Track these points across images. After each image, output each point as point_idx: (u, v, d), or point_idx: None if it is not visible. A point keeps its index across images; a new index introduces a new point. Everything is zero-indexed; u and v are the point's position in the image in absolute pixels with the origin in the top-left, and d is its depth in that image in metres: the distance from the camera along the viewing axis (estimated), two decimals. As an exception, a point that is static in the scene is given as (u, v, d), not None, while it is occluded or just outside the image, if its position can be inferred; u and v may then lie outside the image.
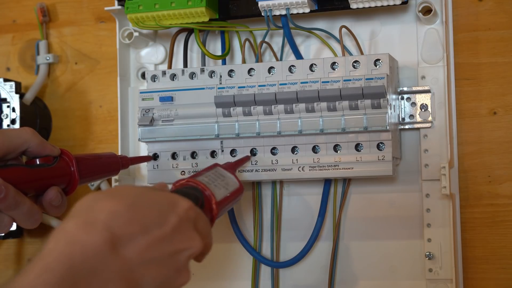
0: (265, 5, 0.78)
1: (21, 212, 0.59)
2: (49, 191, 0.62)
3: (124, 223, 0.48)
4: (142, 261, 0.48)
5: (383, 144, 0.74)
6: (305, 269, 0.82)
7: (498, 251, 0.78)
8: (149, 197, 0.52)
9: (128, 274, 0.47)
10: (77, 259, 0.44)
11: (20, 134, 0.61)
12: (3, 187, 0.57)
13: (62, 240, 0.45)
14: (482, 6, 0.80)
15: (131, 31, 0.87)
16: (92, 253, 0.45)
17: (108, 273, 0.46)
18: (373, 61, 0.74)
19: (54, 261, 0.44)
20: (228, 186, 0.66)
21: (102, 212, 0.48)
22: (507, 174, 0.78)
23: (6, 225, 0.60)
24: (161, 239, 0.50)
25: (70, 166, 0.64)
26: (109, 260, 0.46)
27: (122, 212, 0.48)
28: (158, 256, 0.49)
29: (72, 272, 0.44)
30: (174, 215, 0.52)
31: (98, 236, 0.46)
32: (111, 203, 0.48)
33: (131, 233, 0.48)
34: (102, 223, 0.47)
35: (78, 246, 0.45)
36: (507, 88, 0.79)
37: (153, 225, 0.50)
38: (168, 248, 0.50)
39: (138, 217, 0.49)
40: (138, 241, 0.48)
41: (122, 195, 0.50)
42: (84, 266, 0.44)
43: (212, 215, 0.61)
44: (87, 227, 0.46)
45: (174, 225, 0.51)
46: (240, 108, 0.76)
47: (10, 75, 0.98)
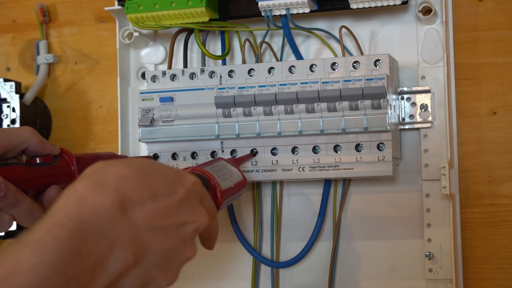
0: (265, 5, 0.78)
1: (21, 210, 0.60)
2: (49, 190, 0.62)
3: (133, 187, 0.48)
4: (149, 227, 0.48)
5: (383, 145, 0.74)
6: (305, 269, 0.83)
7: (498, 251, 0.78)
8: (158, 167, 0.53)
9: (135, 237, 0.47)
10: (86, 217, 0.45)
11: (20, 132, 0.62)
12: (3, 185, 0.57)
13: (72, 198, 0.46)
14: (482, 6, 0.80)
15: (131, 31, 0.87)
16: (101, 212, 0.46)
17: (116, 233, 0.46)
18: (373, 62, 0.74)
19: (64, 218, 0.44)
20: (232, 178, 0.66)
21: (113, 175, 0.48)
22: (507, 174, 0.78)
23: (7, 224, 0.60)
24: (169, 208, 0.50)
25: (70, 165, 0.64)
26: (117, 221, 0.46)
27: (132, 176, 0.49)
28: (165, 225, 0.50)
29: (81, 229, 0.44)
30: (181, 187, 0.52)
31: (108, 196, 0.46)
32: (121, 168, 0.49)
33: (140, 197, 0.48)
34: (112, 185, 0.47)
35: (88, 205, 0.45)
36: (507, 88, 0.79)
37: (162, 193, 0.50)
38: (175, 218, 0.51)
39: (147, 183, 0.50)
40: (146, 206, 0.49)
41: (133, 163, 0.51)
42: (93, 224, 0.45)
43: (217, 204, 0.62)
44: (97, 188, 0.47)
45: (181, 196, 0.52)
46: (240, 109, 0.77)
47: (10, 75, 0.98)
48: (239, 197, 0.70)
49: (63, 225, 0.44)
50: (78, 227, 0.44)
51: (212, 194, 0.62)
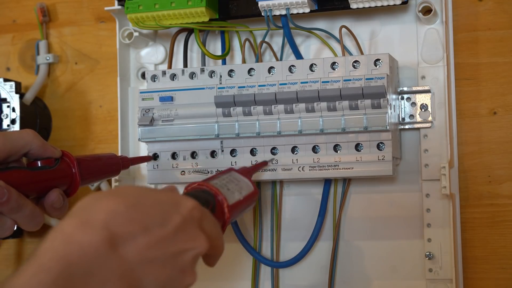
0: (265, 5, 0.78)
1: (23, 214, 0.59)
2: (50, 193, 0.62)
3: (123, 222, 0.47)
4: (143, 260, 0.47)
5: (383, 144, 0.74)
6: (305, 269, 0.82)
7: (498, 251, 0.78)
8: (151, 197, 0.51)
9: (128, 273, 0.46)
10: (73, 258, 0.44)
11: (22, 136, 0.61)
12: (6, 190, 0.57)
13: (58, 239, 0.45)
14: (482, 6, 0.80)
15: (131, 31, 0.87)
16: (89, 252, 0.44)
17: (106, 272, 0.45)
18: (373, 61, 0.74)
19: (50, 261, 0.43)
20: (242, 190, 0.65)
21: (101, 211, 0.47)
22: (507, 174, 0.78)
23: (9, 228, 0.60)
24: (163, 239, 0.49)
25: (71, 168, 0.64)
26: (107, 260, 0.45)
27: (122, 211, 0.48)
28: (160, 256, 0.48)
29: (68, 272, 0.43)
30: (177, 215, 0.51)
31: (96, 235, 0.45)
32: (110, 203, 0.48)
33: (131, 232, 0.47)
34: (101, 222, 0.46)
35: (75, 245, 0.44)
36: (507, 88, 0.79)
37: (155, 224, 0.49)
38: (171, 248, 0.49)
39: (138, 216, 0.48)
40: (138, 241, 0.47)
41: (123, 194, 0.50)
42: (81, 266, 0.44)
43: (224, 219, 0.60)
44: (85, 227, 0.45)
45: (177, 225, 0.50)
46: (240, 108, 0.76)
47: (10, 75, 0.98)
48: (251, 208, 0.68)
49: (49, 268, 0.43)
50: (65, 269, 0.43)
51: (219, 209, 0.60)
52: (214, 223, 0.56)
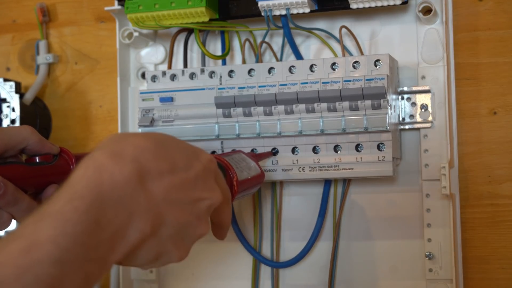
0: (265, 5, 0.78)
1: (20, 208, 0.59)
2: (48, 189, 0.62)
3: (152, 158, 0.48)
4: (166, 199, 0.48)
5: (383, 145, 0.74)
6: (305, 269, 0.83)
7: (498, 251, 0.78)
8: (176, 142, 0.53)
9: (153, 208, 0.47)
10: (105, 187, 0.45)
11: (19, 131, 0.61)
12: (2, 183, 0.57)
13: (91, 168, 0.45)
14: (482, 6, 0.80)
15: (131, 31, 0.87)
16: (120, 182, 0.45)
17: (135, 204, 0.46)
18: (373, 62, 0.74)
19: (83, 188, 0.44)
20: (250, 171, 0.67)
21: (132, 145, 0.48)
22: (507, 174, 0.78)
23: (5, 222, 0.60)
24: (185, 182, 0.50)
25: (69, 165, 0.64)
26: (136, 192, 0.46)
27: (151, 148, 0.49)
28: (181, 198, 0.50)
29: (100, 200, 0.44)
30: (198, 162, 0.52)
31: (127, 166, 0.46)
32: (140, 139, 0.49)
33: (159, 169, 0.48)
34: (131, 155, 0.47)
35: (107, 175, 0.45)
36: (507, 88, 0.79)
37: (179, 167, 0.50)
38: (191, 193, 0.51)
39: (166, 156, 0.50)
40: (164, 178, 0.49)
41: (151, 135, 0.51)
42: (112, 195, 0.45)
43: (232, 193, 0.62)
44: (116, 158, 0.46)
45: (197, 172, 0.52)
46: (240, 109, 0.76)
47: (10, 75, 0.98)
48: (255, 190, 0.69)
49: (83, 196, 0.44)
50: (98, 198, 0.44)
51: (229, 184, 0.62)
52: (226, 185, 0.58)
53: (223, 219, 0.58)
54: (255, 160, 0.70)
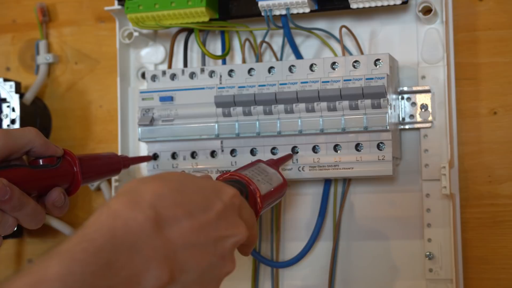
0: (265, 5, 0.78)
1: (25, 213, 0.59)
2: (52, 191, 0.62)
3: (169, 204, 0.48)
4: (185, 244, 0.48)
5: (383, 144, 0.74)
6: (305, 269, 0.82)
7: (498, 251, 0.78)
8: (194, 182, 0.52)
9: (171, 255, 0.47)
10: (118, 232, 0.44)
11: (24, 134, 0.61)
12: (8, 188, 0.57)
13: (104, 214, 0.45)
14: (482, 6, 0.80)
15: (131, 31, 0.87)
16: (134, 228, 0.45)
17: (151, 251, 0.45)
18: (373, 61, 0.74)
19: (95, 232, 0.44)
20: (272, 181, 0.65)
21: (148, 193, 0.48)
22: (507, 174, 0.78)
23: (10, 226, 0.60)
24: (205, 224, 0.49)
25: (73, 167, 0.64)
26: (152, 238, 0.46)
27: (167, 194, 0.48)
28: (202, 241, 0.49)
29: (112, 244, 0.44)
30: (219, 201, 0.52)
31: (142, 213, 0.46)
32: (157, 186, 0.49)
33: (176, 215, 0.48)
34: (147, 202, 0.47)
35: (121, 221, 0.45)
36: (507, 88, 0.79)
37: (198, 209, 0.50)
38: (213, 234, 0.50)
39: (183, 200, 0.49)
40: (182, 224, 0.48)
41: (168, 179, 0.50)
42: (126, 240, 0.44)
43: (256, 209, 0.61)
44: (132, 205, 0.46)
45: (219, 211, 0.51)
46: (240, 108, 0.76)
47: (10, 75, 0.98)
48: (280, 200, 0.68)
49: (93, 238, 0.43)
50: (109, 241, 0.44)
51: (252, 200, 0.60)
52: (251, 212, 0.57)
53: (249, 242, 0.57)
54: (276, 168, 0.69)
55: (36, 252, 0.95)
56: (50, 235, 0.94)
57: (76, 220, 0.93)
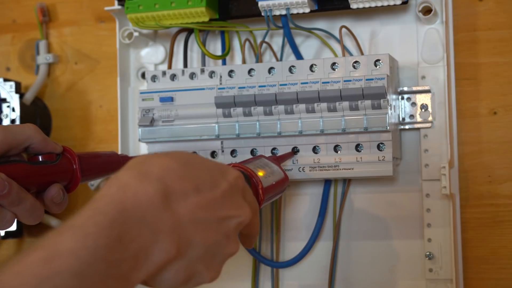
0: (265, 5, 0.78)
1: (24, 208, 0.59)
2: (51, 188, 0.62)
3: (177, 178, 0.48)
4: (192, 219, 0.48)
5: (384, 145, 0.74)
6: (305, 269, 0.83)
7: (498, 251, 0.78)
8: (201, 161, 0.53)
9: (178, 229, 0.47)
10: (128, 204, 0.45)
11: (23, 130, 0.61)
12: (7, 183, 0.57)
13: (114, 187, 0.46)
14: (482, 6, 0.80)
15: (131, 31, 0.87)
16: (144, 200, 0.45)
17: (159, 223, 0.46)
18: (373, 62, 0.74)
19: (106, 205, 0.44)
20: (274, 176, 0.66)
21: (156, 166, 0.48)
22: (507, 174, 0.78)
23: (8, 221, 0.60)
24: (211, 201, 0.50)
25: (72, 164, 0.64)
26: (161, 211, 0.46)
27: (175, 168, 0.49)
28: (208, 218, 0.49)
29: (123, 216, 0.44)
30: (224, 181, 0.52)
31: (151, 186, 0.46)
32: (165, 160, 0.49)
33: (184, 189, 0.48)
34: (156, 175, 0.47)
35: (131, 193, 0.45)
36: (507, 88, 0.79)
37: (205, 186, 0.50)
38: (218, 212, 0.50)
39: (191, 176, 0.49)
40: (190, 198, 0.48)
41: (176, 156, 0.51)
42: (135, 212, 0.45)
43: (258, 200, 0.61)
44: (141, 177, 0.46)
45: (224, 190, 0.51)
46: (240, 109, 0.76)
47: (10, 75, 0.98)
48: (281, 195, 0.69)
49: (105, 211, 0.44)
50: (120, 214, 0.44)
51: (254, 191, 0.61)
52: (253, 198, 0.57)
53: (251, 231, 0.58)
54: (277, 164, 0.69)
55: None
56: (50, 235, 0.94)
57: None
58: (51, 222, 0.90)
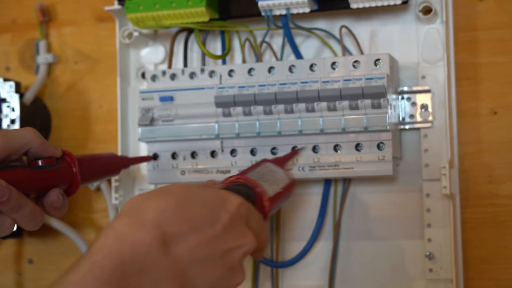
0: (265, 5, 0.78)
1: (23, 214, 0.59)
2: (51, 192, 0.62)
3: (174, 221, 0.47)
4: (193, 260, 0.48)
5: (383, 144, 0.74)
6: (305, 269, 0.82)
7: (498, 251, 0.78)
8: (198, 195, 0.52)
9: (179, 273, 0.46)
10: (126, 256, 0.44)
11: (22, 135, 0.61)
12: (6, 189, 0.56)
13: (111, 238, 0.45)
14: (482, 6, 0.80)
15: (131, 31, 0.87)
16: (141, 250, 0.45)
17: (159, 271, 0.45)
18: (373, 61, 0.74)
19: (103, 258, 0.44)
20: (279, 182, 0.64)
21: (151, 211, 0.47)
22: (507, 174, 0.78)
23: (8, 227, 0.59)
24: (212, 238, 0.49)
25: (72, 168, 0.64)
26: (160, 258, 0.46)
27: (171, 210, 0.48)
28: (210, 255, 0.49)
29: (121, 269, 0.44)
30: (225, 213, 0.51)
31: (148, 233, 0.46)
32: (160, 202, 0.48)
33: (182, 231, 0.48)
34: (151, 221, 0.46)
35: (128, 244, 0.45)
36: (507, 88, 0.79)
37: (204, 223, 0.49)
38: (220, 246, 0.50)
39: (188, 215, 0.49)
40: (188, 240, 0.48)
41: (171, 193, 0.50)
42: (134, 264, 0.44)
43: (264, 211, 0.60)
44: (136, 226, 0.46)
45: (225, 223, 0.50)
46: (240, 108, 0.76)
47: (10, 75, 0.98)
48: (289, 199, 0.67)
49: (103, 266, 0.43)
50: (118, 267, 0.44)
51: (259, 203, 0.60)
52: (258, 218, 0.56)
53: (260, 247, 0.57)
54: (282, 167, 0.68)
55: (36, 252, 0.95)
56: (50, 235, 0.94)
57: (76, 220, 0.93)
58: (52, 223, 0.90)
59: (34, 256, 0.95)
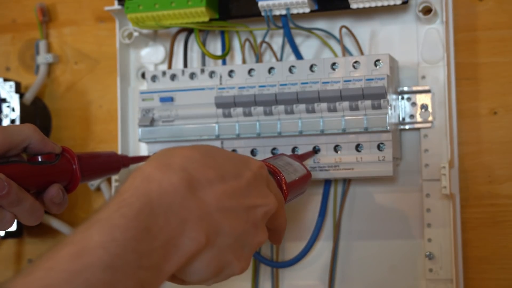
0: (265, 5, 0.78)
1: (23, 208, 0.59)
2: (50, 188, 0.62)
3: (200, 167, 0.48)
4: (219, 207, 0.48)
5: (384, 145, 0.74)
6: (305, 269, 0.83)
7: (499, 251, 0.78)
8: (223, 152, 0.52)
9: (206, 217, 0.47)
10: (154, 195, 0.45)
11: (22, 130, 0.61)
12: (6, 183, 0.56)
13: (138, 178, 0.46)
14: (482, 6, 0.80)
15: (131, 31, 0.87)
16: (169, 190, 0.45)
17: (186, 212, 0.46)
18: (373, 62, 0.74)
19: (131, 197, 0.44)
20: (296, 172, 0.65)
21: (179, 156, 0.48)
22: (507, 174, 0.78)
23: (8, 222, 0.60)
24: (237, 190, 0.50)
25: (72, 164, 0.64)
26: (187, 200, 0.46)
27: (198, 158, 0.48)
28: (235, 206, 0.49)
29: (149, 207, 0.44)
30: (248, 170, 0.52)
31: (175, 175, 0.46)
32: (187, 151, 0.49)
33: (208, 177, 0.48)
34: (179, 165, 0.47)
35: (155, 184, 0.45)
36: (507, 88, 0.79)
37: (229, 175, 0.50)
38: (245, 201, 0.50)
39: (214, 165, 0.49)
40: (215, 187, 0.48)
41: (198, 147, 0.51)
42: (161, 203, 0.45)
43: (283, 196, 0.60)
44: (164, 168, 0.46)
45: (248, 180, 0.51)
46: (240, 109, 0.76)
47: (10, 75, 0.98)
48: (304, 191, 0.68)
49: (131, 203, 0.44)
50: (146, 205, 0.44)
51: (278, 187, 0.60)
52: (278, 190, 0.57)
53: (279, 224, 0.57)
54: (299, 161, 0.69)
55: (36, 252, 0.95)
56: (50, 235, 0.94)
57: (76, 220, 0.93)
58: (52, 223, 0.90)
59: (34, 256, 0.95)
